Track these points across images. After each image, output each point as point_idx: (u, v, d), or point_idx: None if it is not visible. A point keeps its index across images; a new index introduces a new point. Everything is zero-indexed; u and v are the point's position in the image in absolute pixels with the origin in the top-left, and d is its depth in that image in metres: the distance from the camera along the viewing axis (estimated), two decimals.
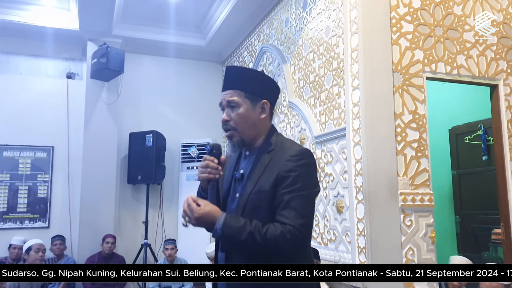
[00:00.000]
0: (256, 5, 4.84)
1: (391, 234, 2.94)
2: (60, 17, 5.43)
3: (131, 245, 5.56)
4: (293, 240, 1.38)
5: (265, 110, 1.58)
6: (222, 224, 1.41)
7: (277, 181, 1.45)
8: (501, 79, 3.49)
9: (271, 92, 1.63)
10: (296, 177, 1.43)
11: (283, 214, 1.41)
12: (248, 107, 1.55)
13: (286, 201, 1.42)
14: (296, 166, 1.45)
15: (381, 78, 3.09)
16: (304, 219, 1.41)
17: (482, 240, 4.44)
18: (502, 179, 3.40)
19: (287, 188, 1.43)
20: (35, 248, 3.78)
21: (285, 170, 1.45)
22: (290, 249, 1.40)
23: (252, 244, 1.38)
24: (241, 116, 1.55)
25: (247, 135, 1.56)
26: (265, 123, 1.59)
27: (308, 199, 1.45)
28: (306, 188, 1.45)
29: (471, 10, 3.49)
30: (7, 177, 5.39)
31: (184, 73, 6.28)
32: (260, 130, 1.58)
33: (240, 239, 1.38)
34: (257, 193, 1.48)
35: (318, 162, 3.66)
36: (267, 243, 1.37)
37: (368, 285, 2.72)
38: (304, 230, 1.41)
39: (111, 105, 5.58)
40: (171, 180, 5.92)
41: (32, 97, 5.55)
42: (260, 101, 1.57)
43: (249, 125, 1.55)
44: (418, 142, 3.14)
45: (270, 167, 1.49)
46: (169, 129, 5.89)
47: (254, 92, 1.56)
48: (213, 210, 1.44)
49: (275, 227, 1.39)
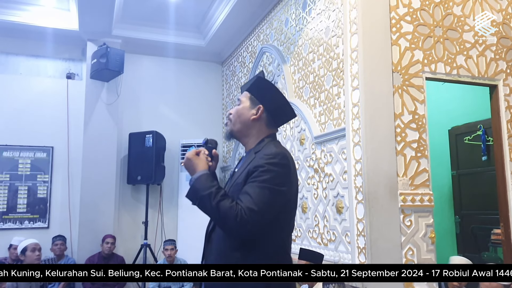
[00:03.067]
0: (256, 5, 4.84)
1: (390, 235, 2.94)
2: (60, 17, 5.43)
3: (131, 245, 5.56)
4: (237, 218, 1.44)
5: (258, 113, 1.70)
6: (197, 177, 1.57)
7: (248, 175, 1.55)
8: (501, 80, 3.49)
9: (272, 102, 1.73)
10: (262, 172, 1.52)
11: (238, 197, 1.51)
12: (246, 106, 1.73)
13: (246, 187, 1.52)
14: (265, 163, 1.53)
15: (380, 78, 3.10)
16: (255, 206, 1.46)
17: (482, 240, 4.44)
18: (502, 179, 3.40)
19: (252, 178, 1.53)
20: (31, 248, 3.74)
21: (255, 166, 1.55)
22: (232, 226, 1.45)
23: (206, 205, 1.50)
24: (237, 110, 1.75)
25: (235, 129, 1.74)
26: (258, 126, 1.71)
27: (268, 194, 1.49)
28: (269, 183, 1.50)
29: (470, 11, 3.49)
30: (7, 177, 5.38)
31: (184, 73, 6.28)
32: (250, 130, 1.72)
33: (200, 194, 1.51)
34: (233, 186, 1.61)
35: (318, 162, 3.66)
36: (216, 210, 1.47)
37: (368, 285, 2.72)
38: (251, 215, 1.45)
39: (111, 106, 5.58)
40: (170, 180, 5.92)
41: (32, 97, 5.55)
42: (258, 104, 1.72)
43: (239, 121, 1.73)
44: (418, 142, 3.14)
45: (250, 164, 1.59)
46: (169, 130, 5.89)
47: (257, 97, 1.73)
48: (199, 163, 1.62)
49: (230, 202, 1.48)
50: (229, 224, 1.46)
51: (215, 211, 1.48)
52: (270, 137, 1.71)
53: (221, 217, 1.47)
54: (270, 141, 1.68)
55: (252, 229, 1.46)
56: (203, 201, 1.50)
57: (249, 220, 1.44)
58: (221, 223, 1.51)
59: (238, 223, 1.44)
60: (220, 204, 1.47)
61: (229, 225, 1.47)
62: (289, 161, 1.59)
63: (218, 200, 1.47)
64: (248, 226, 1.45)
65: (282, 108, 1.76)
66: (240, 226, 1.44)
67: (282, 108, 1.76)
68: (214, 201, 1.47)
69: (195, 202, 1.54)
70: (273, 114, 1.73)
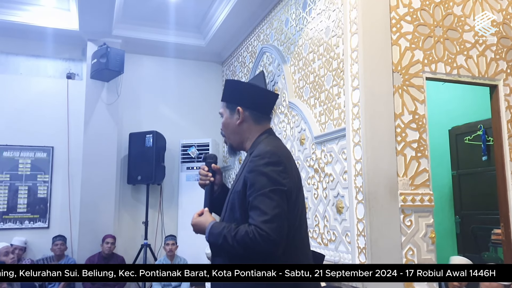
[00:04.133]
0: (256, 5, 4.84)
1: (391, 235, 2.94)
2: (60, 17, 5.43)
3: (131, 245, 5.57)
4: (256, 238, 1.40)
5: (239, 116, 1.67)
6: (208, 232, 1.55)
7: (245, 182, 1.52)
8: (501, 80, 3.49)
9: (246, 98, 1.68)
10: (256, 177, 1.49)
11: (250, 216, 1.47)
12: (228, 115, 1.70)
13: (251, 202, 1.48)
14: (255, 166, 1.50)
15: (381, 78, 3.09)
16: (266, 216, 1.42)
17: (482, 241, 4.44)
18: (502, 179, 3.40)
19: (250, 189, 1.49)
20: (3, 253, 3.60)
21: (247, 171, 1.53)
22: (257, 246, 1.41)
23: (227, 247, 1.47)
24: (223, 125, 1.73)
25: (232, 141, 1.72)
26: (247, 128, 1.68)
27: (271, 196, 1.45)
28: (267, 186, 1.46)
29: (471, 11, 3.49)
30: (7, 177, 5.38)
31: (184, 73, 6.28)
32: (243, 135, 1.69)
33: (218, 243, 1.50)
34: (233, 193, 1.58)
35: (318, 162, 3.66)
36: (237, 244, 1.44)
37: (368, 285, 2.72)
38: (267, 226, 1.41)
39: (111, 105, 5.58)
40: (171, 180, 5.92)
41: (32, 97, 5.55)
42: (235, 108, 1.68)
43: (230, 132, 1.71)
44: (418, 142, 3.14)
45: (245, 168, 1.57)
46: (169, 130, 5.90)
47: (231, 101, 1.69)
48: (204, 220, 1.60)
49: (243, 228, 1.45)
50: (254, 247, 1.41)
51: (238, 246, 1.44)
52: (266, 133, 1.66)
53: (244, 246, 1.43)
54: (264, 139, 1.63)
55: (277, 238, 1.41)
56: (225, 247, 1.48)
57: (269, 231, 1.40)
58: (248, 251, 1.44)
59: (258, 241, 1.40)
60: (237, 238, 1.44)
61: (253, 248, 1.42)
62: (279, 157, 1.52)
63: (233, 236, 1.45)
64: (271, 237, 1.40)
65: (258, 97, 1.69)
66: (262, 240, 1.40)
67: (258, 97, 1.69)
68: (231, 240, 1.45)
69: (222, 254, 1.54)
70: (253, 108, 1.67)
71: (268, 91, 1.76)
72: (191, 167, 5.82)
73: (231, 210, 1.57)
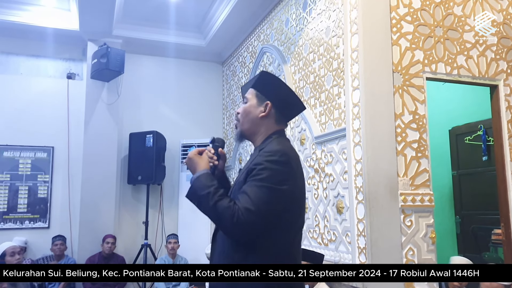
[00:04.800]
0: (256, 5, 4.84)
1: (391, 235, 2.94)
2: (60, 17, 5.44)
3: (131, 245, 5.57)
4: (233, 219, 1.41)
5: (265, 110, 1.66)
6: (196, 176, 1.56)
7: (248, 173, 1.52)
8: (501, 80, 3.49)
9: (279, 97, 1.69)
10: (261, 170, 1.48)
11: (239, 198, 1.47)
12: (254, 103, 1.68)
13: (245, 186, 1.49)
14: (264, 161, 1.50)
15: (381, 78, 3.09)
16: (253, 206, 1.42)
17: (482, 241, 4.44)
18: (502, 179, 3.40)
19: (251, 177, 1.50)
20: (9, 252, 3.57)
21: (254, 163, 1.52)
22: (228, 226, 1.44)
23: (204, 205, 1.49)
24: (245, 109, 1.70)
25: (245, 128, 1.69)
26: (266, 123, 1.67)
27: (268, 193, 1.45)
28: (269, 182, 1.46)
29: (471, 11, 3.49)
30: (7, 177, 5.39)
31: (184, 73, 6.28)
32: (259, 128, 1.67)
33: (198, 194, 1.50)
34: (236, 184, 1.59)
35: (318, 162, 3.66)
36: (214, 210, 1.46)
37: (368, 285, 2.72)
38: (248, 215, 1.41)
39: (111, 106, 5.58)
40: (171, 180, 5.92)
41: (32, 97, 5.55)
42: (265, 101, 1.67)
43: (248, 119, 1.68)
44: (418, 142, 3.14)
45: (252, 161, 1.57)
46: (169, 130, 5.90)
47: (263, 92, 1.68)
48: (200, 162, 1.60)
49: (228, 201, 1.46)
50: (225, 224, 1.44)
51: (212, 211, 1.46)
52: (278, 133, 1.67)
53: (218, 217, 1.45)
54: (276, 138, 1.63)
55: (249, 229, 1.43)
56: (201, 201, 1.49)
57: (246, 220, 1.41)
58: (218, 223, 1.50)
59: (234, 224, 1.41)
60: (217, 204, 1.45)
61: (225, 225, 1.45)
62: (290, 158, 1.53)
63: (216, 200, 1.45)
64: (244, 226, 1.42)
65: (291, 102, 1.72)
66: (236, 227, 1.42)
67: (290, 102, 1.72)
68: (212, 201, 1.46)
69: (194, 202, 1.53)
70: (281, 109, 1.68)
71: (299, 101, 1.75)
72: None
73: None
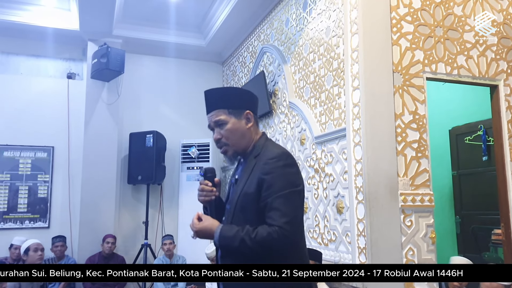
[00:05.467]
0: (256, 5, 4.84)
1: (391, 235, 2.94)
2: (61, 17, 5.44)
3: (131, 245, 5.57)
4: (280, 239, 1.46)
5: (250, 119, 1.68)
6: (218, 235, 1.54)
7: (259, 184, 1.54)
8: (501, 80, 3.49)
9: (251, 102, 1.72)
10: (274, 179, 1.52)
11: (269, 216, 1.50)
12: (234, 121, 1.66)
13: (269, 203, 1.51)
14: (273, 168, 1.53)
15: (381, 78, 3.09)
16: (287, 217, 1.48)
17: (482, 241, 4.44)
18: (502, 179, 3.40)
19: (268, 190, 1.52)
20: (33, 248, 3.76)
21: (263, 173, 1.54)
22: (279, 247, 1.47)
23: (245, 249, 1.48)
24: (230, 131, 1.66)
25: (239, 146, 1.68)
26: (253, 131, 1.69)
27: (290, 198, 1.51)
28: (286, 188, 1.51)
29: (471, 11, 3.49)
30: (8, 177, 5.39)
31: (184, 73, 6.28)
32: (250, 138, 1.69)
33: (234, 246, 1.50)
34: (244, 195, 1.58)
35: (318, 162, 3.66)
36: (258, 246, 1.46)
37: (368, 285, 2.72)
38: (289, 227, 1.47)
39: (112, 105, 5.58)
40: (171, 180, 5.92)
41: (32, 97, 5.55)
42: (243, 112, 1.67)
43: (238, 137, 1.66)
44: (418, 142, 3.14)
45: (254, 170, 1.59)
46: (169, 129, 5.90)
47: (236, 106, 1.67)
48: (210, 225, 1.58)
49: (263, 229, 1.48)
50: (275, 247, 1.47)
51: (256, 248, 1.47)
52: (263, 136, 1.71)
53: (265, 247, 1.47)
54: (265, 141, 1.67)
55: (294, 237, 1.50)
56: (241, 249, 1.49)
57: (290, 233, 1.46)
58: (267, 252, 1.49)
59: (282, 242, 1.46)
60: (257, 239, 1.46)
61: (275, 248, 1.47)
62: (293, 158, 1.60)
63: (253, 237, 1.46)
64: (291, 237, 1.47)
65: (253, 99, 1.75)
66: (285, 241, 1.46)
67: (254, 100, 1.75)
68: (250, 242, 1.46)
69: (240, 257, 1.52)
70: (255, 110, 1.72)
71: (252, 93, 1.76)
72: (191, 167, 5.82)
73: (241, 212, 1.57)
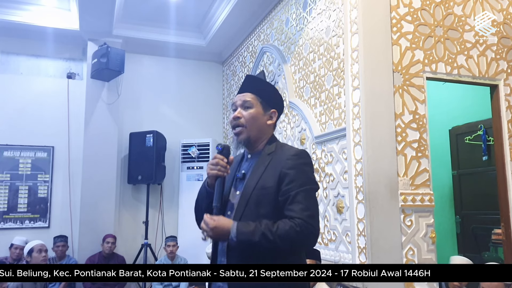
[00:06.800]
0: (256, 5, 4.84)
1: (391, 234, 2.94)
2: (61, 17, 5.44)
3: (131, 245, 5.57)
4: (303, 231, 1.47)
5: (273, 118, 1.75)
6: (236, 231, 1.50)
7: (281, 178, 1.56)
8: (502, 79, 3.49)
9: (280, 106, 1.80)
10: (297, 174, 1.56)
11: (290, 209, 1.51)
12: (260, 110, 1.71)
13: (292, 196, 1.53)
14: (296, 164, 1.58)
15: (381, 78, 3.09)
16: (310, 211, 1.51)
17: (483, 240, 4.44)
18: (502, 179, 3.40)
19: (290, 184, 1.54)
20: (37, 249, 3.75)
21: (287, 168, 1.57)
22: (301, 240, 1.49)
23: (266, 244, 1.47)
24: (252, 116, 1.69)
25: (253, 135, 1.70)
26: (269, 130, 1.75)
27: (311, 194, 1.57)
28: (308, 184, 1.57)
29: (471, 10, 3.48)
30: (8, 177, 5.39)
31: (184, 73, 6.28)
32: (264, 134, 1.73)
33: (254, 241, 1.47)
34: (261, 189, 1.58)
35: (318, 162, 3.66)
36: (279, 239, 1.46)
37: (368, 285, 2.72)
38: (311, 221, 1.50)
39: (112, 105, 5.58)
40: (171, 180, 5.92)
41: (32, 97, 5.55)
42: (270, 109, 1.74)
43: (256, 126, 1.70)
44: (418, 142, 3.14)
45: (271, 166, 1.61)
46: (169, 129, 5.89)
47: (267, 100, 1.73)
48: (225, 222, 1.54)
49: (284, 223, 1.48)
50: (297, 241, 1.48)
51: (278, 242, 1.46)
52: (274, 137, 1.77)
53: (287, 240, 1.47)
54: (278, 142, 1.73)
55: (317, 232, 1.53)
56: (262, 244, 1.46)
57: (312, 224, 1.50)
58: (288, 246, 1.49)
59: (304, 234, 1.48)
60: (278, 233, 1.46)
61: (297, 241, 1.49)
62: (310, 156, 1.68)
63: (275, 231, 1.46)
64: (313, 231, 1.51)
65: (282, 108, 1.83)
66: (308, 234, 1.49)
67: (282, 109, 1.83)
68: (272, 235, 1.46)
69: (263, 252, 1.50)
70: (279, 116, 1.80)
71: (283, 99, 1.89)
72: (191, 167, 5.82)
73: (256, 206, 1.56)
